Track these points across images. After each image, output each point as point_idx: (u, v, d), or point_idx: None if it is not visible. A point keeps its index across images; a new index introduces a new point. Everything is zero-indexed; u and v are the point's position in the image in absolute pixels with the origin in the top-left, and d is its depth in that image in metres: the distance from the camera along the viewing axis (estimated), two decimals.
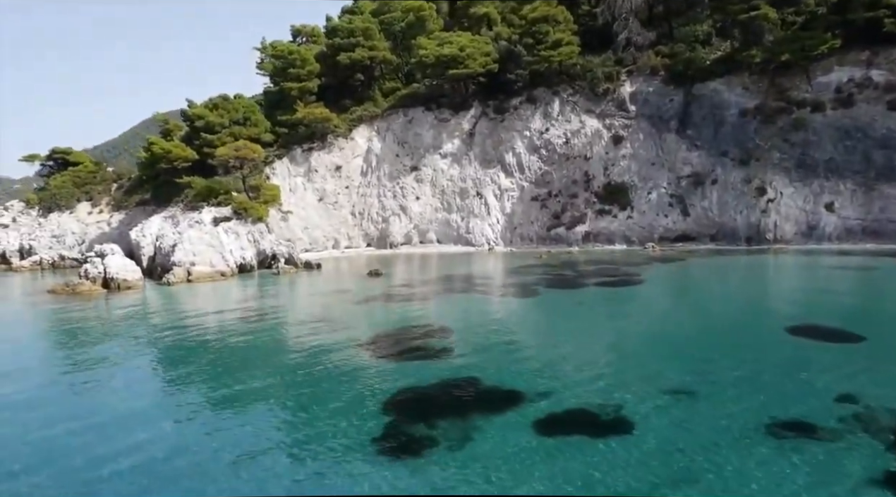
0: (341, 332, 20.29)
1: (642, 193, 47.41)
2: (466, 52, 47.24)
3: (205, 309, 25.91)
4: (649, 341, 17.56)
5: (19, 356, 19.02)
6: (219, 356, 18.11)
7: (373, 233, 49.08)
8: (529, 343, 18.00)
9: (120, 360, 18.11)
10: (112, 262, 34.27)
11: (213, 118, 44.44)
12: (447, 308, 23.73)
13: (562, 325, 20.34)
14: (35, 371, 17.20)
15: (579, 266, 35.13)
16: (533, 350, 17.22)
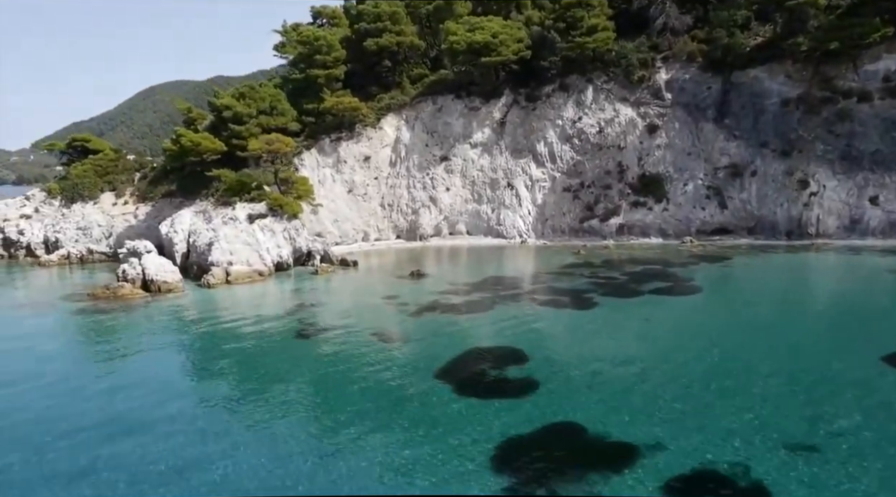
0: (408, 356, 19.76)
1: (678, 185, 46.42)
2: (499, 39, 45.78)
3: (256, 320, 25.30)
4: (741, 374, 16.90)
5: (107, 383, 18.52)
6: (298, 386, 17.59)
7: (402, 225, 48.30)
8: (613, 374, 17.38)
9: (216, 391, 17.46)
10: (150, 263, 33.68)
11: (240, 109, 43.30)
12: (509, 324, 23.08)
13: (638, 349, 19.63)
14: (143, 398, 16.69)
15: (624, 266, 34.42)
16: (620, 383, 16.62)
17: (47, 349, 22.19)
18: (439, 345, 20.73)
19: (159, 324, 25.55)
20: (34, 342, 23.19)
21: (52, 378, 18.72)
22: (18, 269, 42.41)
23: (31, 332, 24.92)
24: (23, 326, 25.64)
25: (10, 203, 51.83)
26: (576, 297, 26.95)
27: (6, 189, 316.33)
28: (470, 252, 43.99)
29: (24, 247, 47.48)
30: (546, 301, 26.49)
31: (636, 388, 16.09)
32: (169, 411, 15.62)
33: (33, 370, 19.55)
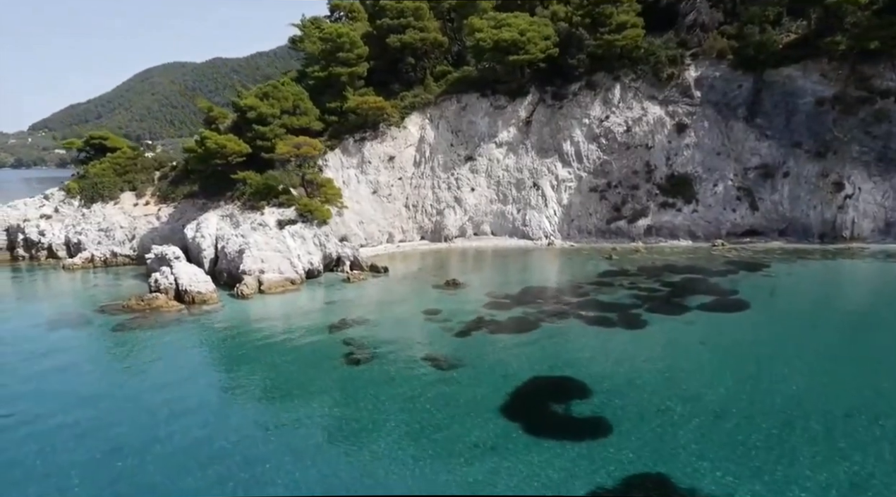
0: (466, 387, 19.30)
1: (707, 185, 45.78)
2: (527, 37, 44.82)
3: (301, 341, 24.86)
4: (822, 414, 16.39)
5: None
6: (358, 422, 17.24)
7: (427, 226, 47.76)
8: (685, 412, 16.89)
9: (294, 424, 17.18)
10: (182, 272, 33.23)
11: (264, 109, 42.52)
12: (561, 347, 22.69)
13: (703, 380, 19.07)
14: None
15: (661, 275, 33.94)
16: (696, 424, 16.17)
17: (99, 371, 21.87)
18: (495, 373, 20.34)
19: (205, 344, 25.21)
20: (81, 361, 22.94)
21: (115, 402, 18.45)
22: (43, 273, 42.04)
23: (75, 349, 24.61)
24: (66, 344, 25.27)
25: (28, 202, 51.27)
26: (622, 314, 26.51)
27: (5, 172, 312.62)
28: (498, 255, 43.54)
29: (45, 248, 46.99)
30: (593, 319, 26.04)
31: (715, 431, 15.69)
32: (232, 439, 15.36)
33: (98, 391, 19.29)
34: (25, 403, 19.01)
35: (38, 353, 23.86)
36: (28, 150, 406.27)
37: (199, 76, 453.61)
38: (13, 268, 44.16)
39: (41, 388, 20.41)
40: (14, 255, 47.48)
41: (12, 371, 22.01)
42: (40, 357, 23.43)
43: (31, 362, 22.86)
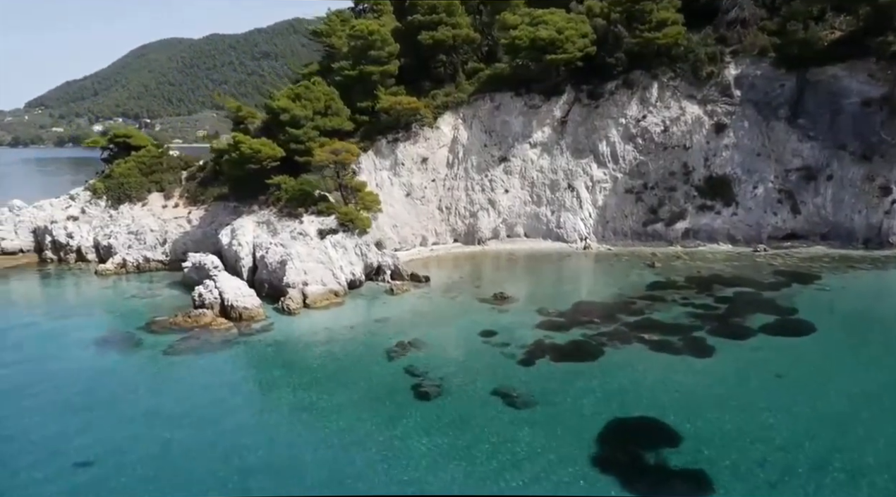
0: (546, 431, 18.91)
1: (747, 187, 44.98)
2: (565, 35, 43.63)
3: (361, 368, 24.47)
4: None
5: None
6: (445, 472, 16.85)
7: (460, 228, 47.10)
8: (785, 462, 16.37)
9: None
10: (226, 286, 32.76)
11: (298, 111, 41.57)
12: (632, 380, 22.22)
13: (795, 422, 18.37)
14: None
15: (712, 287, 33.44)
16: (802, 478, 15.78)
17: (160, 410, 21.46)
18: (572, 413, 19.96)
19: (262, 374, 24.74)
20: (140, 395, 22.51)
21: (184, 451, 18.11)
22: (76, 278, 41.61)
23: (132, 379, 24.19)
24: (122, 373, 24.86)
25: (54, 203, 50.64)
26: (685, 338, 26.07)
27: (3, 152, 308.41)
28: (536, 259, 42.96)
29: (73, 250, 46.49)
30: (656, 344, 25.57)
31: (825, 487, 15.28)
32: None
33: (163, 437, 18.95)
34: (106, 448, 18.66)
35: (98, 385, 23.47)
36: (25, 128, 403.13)
37: (196, 53, 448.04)
38: (44, 272, 43.73)
39: (112, 430, 20.02)
40: (42, 256, 47.04)
41: (77, 409, 21.63)
42: (103, 390, 23.03)
43: (94, 397, 22.46)
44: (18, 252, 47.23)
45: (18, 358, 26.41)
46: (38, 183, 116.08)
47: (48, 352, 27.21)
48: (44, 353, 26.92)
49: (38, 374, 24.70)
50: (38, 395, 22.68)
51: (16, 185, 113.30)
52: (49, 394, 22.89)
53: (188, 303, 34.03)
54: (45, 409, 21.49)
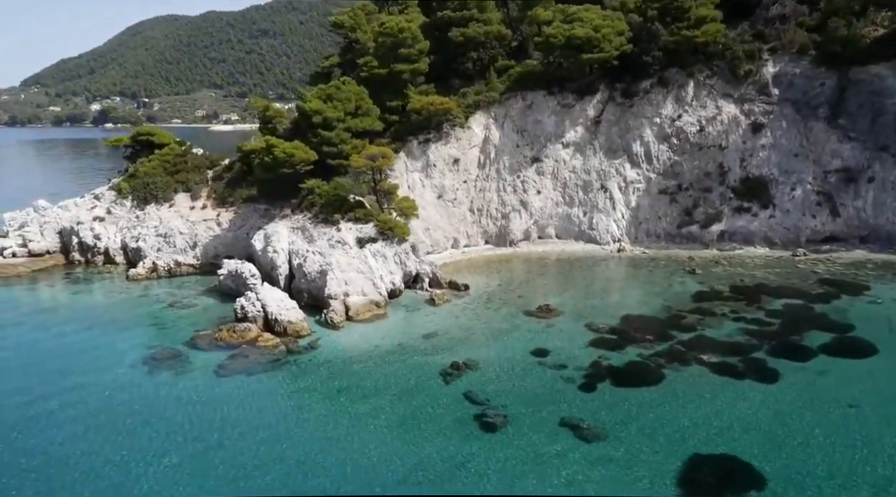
0: (627, 470, 18.67)
1: (784, 189, 44.33)
2: (601, 33, 42.59)
3: (420, 392, 24.25)
4: None
5: None
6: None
7: (491, 230, 46.53)
8: None
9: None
10: (268, 297, 32.38)
11: (330, 113, 40.74)
12: (699, 409, 21.76)
13: (885, 464, 18.37)
14: None
15: (760, 299, 33.03)
16: None
17: (230, 436, 21.25)
18: (648, 447, 19.71)
19: (315, 398, 24.44)
20: (200, 422, 22.24)
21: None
22: (107, 283, 41.20)
23: (186, 402, 23.90)
24: (176, 397, 24.53)
25: (79, 203, 50.10)
26: (746, 360, 25.76)
27: (1, 131, 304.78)
28: (571, 263, 42.49)
29: (101, 252, 46.04)
30: (716, 366, 25.23)
31: None
32: None
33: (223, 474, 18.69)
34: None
35: (155, 413, 23.18)
36: (22, 107, 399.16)
37: (193, 30, 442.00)
38: (74, 276, 43.25)
39: (185, 465, 19.78)
40: (69, 258, 46.57)
41: (138, 438, 21.40)
42: (161, 420, 22.74)
43: (153, 428, 22.18)
44: (45, 253, 46.72)
45: (67, 381, 26.05)
46: (43, 170, 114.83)
47: (95, 372, 26.87)
48: (92, 375, 26.56)
49: (91, 399, 24.43)
50: (100, 424, 22.41)
51: (20, 171, 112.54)
52: (108, 421, 22.67)
53: (227, 313, 33.79)
54: (109, 437, 21.29)
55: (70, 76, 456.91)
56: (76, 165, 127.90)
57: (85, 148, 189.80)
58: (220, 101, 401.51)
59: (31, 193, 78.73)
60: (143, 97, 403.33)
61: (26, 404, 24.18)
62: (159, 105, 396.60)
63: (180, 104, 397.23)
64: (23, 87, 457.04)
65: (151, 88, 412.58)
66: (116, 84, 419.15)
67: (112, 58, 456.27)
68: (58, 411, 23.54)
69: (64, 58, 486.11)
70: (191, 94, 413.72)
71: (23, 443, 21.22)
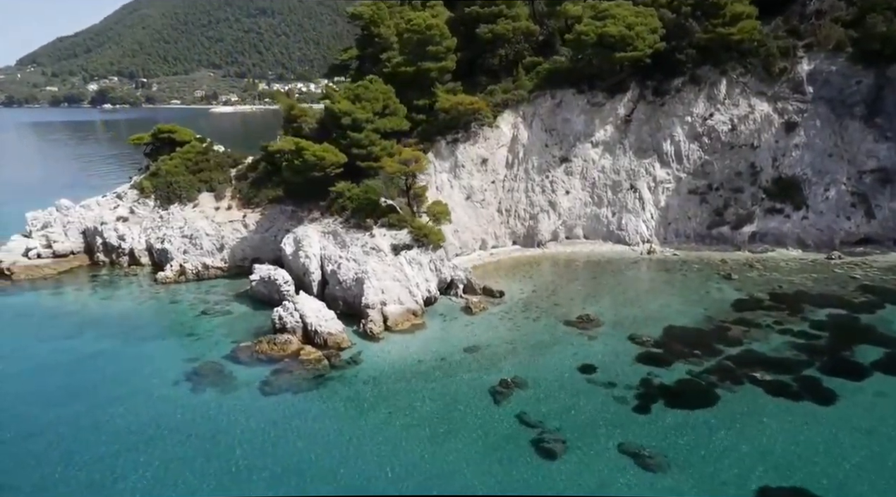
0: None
1: (817, 189, 43.79)
2: (635, 31, 41.68)
3: (466, 405, 24.30)
4: None
5: None
6: None
7: (519, 231, 46.07)
8: None
9: None
10: (307, 308, 32.05)
11: (359, 114, 40.02)
12: (760, 435, 21.32)
13: None
14: None
15: (802, 308, 32.74)
16: None
17: (286, 459, 21.10)
18: (714, 479, 19.57)
19: (366, 416, 24.28)
20: (256, 444, 22.10)
21: None
22: (135, 288, 40.78)
23: (237, 424, 23.70)
24: (225, 418, 24.32)
25: (101, 202, 49.60)
26: (797, 377, 25.57)
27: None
28: (600, 265, 42.15)
29: (126, 253, 45.67)
30: (769, 386, 24.97)
31: None
32: None
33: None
34: None
35: (204, 436, 22.98)
36: (18, 86, 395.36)
37: (190, 9, 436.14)
38: (100, 279, 42.88)
39: None
40: (94, 259, 46.20)
41: (193, 466, 21.24)
42: (211, 442, 22.59)
43: (205, 453, 22.02)
44: (69, 254, 46.33)
45: (111, 399, 25.82)
46: (48, 159, 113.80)
47: (140, 390, 26.60)
48: (137, 393, 26.29)
49: (138, 419, 24.21)
50: (150, 447, 22.25)
51: (26, 162, 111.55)
52: (159, 445, 22.48)
53: (263, 322, 33.58)
54: (163, 463, 21.14)
55: (66, 55, 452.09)
56: (80, 152, 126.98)
57: (85, 132, 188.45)
58: (219, 81, 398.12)
59: (44, 186, 78.68)
60: (141, 77, 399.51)
61: (73, 420, 24.09)
62: (157, 85, 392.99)
63: (179, 84, 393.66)
64: (19, 67, 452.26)
65: (149, 68, 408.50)
66: (114, 63, 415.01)
67: (109, 36, 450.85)
68: (105, 426, 23.51)
69: (60, 36, 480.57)
70: (189, 74, 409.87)
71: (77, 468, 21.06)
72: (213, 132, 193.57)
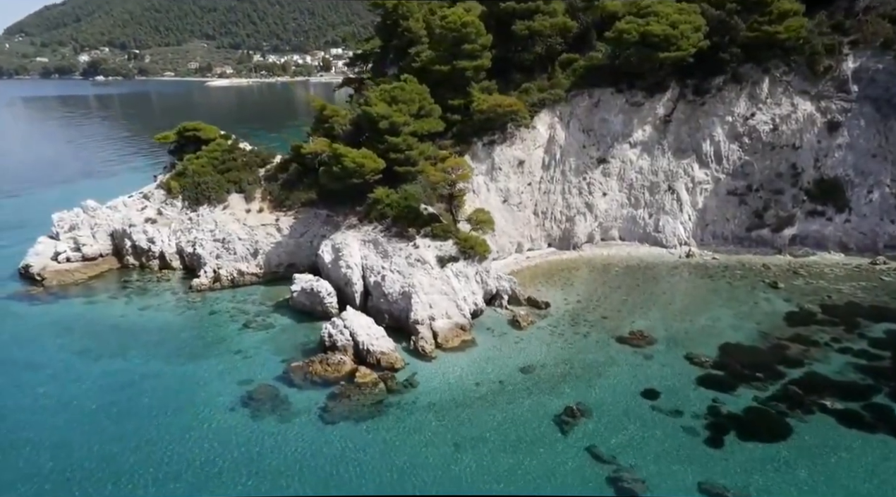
0: None
1: (860, 191, 43.17)
2: (679, 30, 40.44)
3: (534, 438, 24.15)
4: None
5: None
6: None
7: (555, 233, 45.46)
8: None
9: None
10: (356, 325, 31.64)
11: (397, 118, 38.94)
12: (852, 477, 21.28)
13: None
14: None
15: (857, 322, 32.51)
16: None
17: None
18: None
19: (433, 449, 23.97)
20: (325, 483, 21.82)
21: None
22: (171, 296, 40.05)
23: (305, 458, 23.52)
24: (290, 448, 24.17)
25: (128, 202, 48.71)
26: (867, 405, 25.53)
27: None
28: (640, 269, 41.72)
29: (156, 256, 45.00)
30: (841, 415, 24.81)
31: None
32: None
33: None
34: None
35: (271, 474, 22.72)
36: (7, 57, 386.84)
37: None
38: (132, 285, 42.19)
39: None
40: (123, 262, 45.56)
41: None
42: (279, 478, 22.34)
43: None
44: (98, 257, 45.66)
45: (164, 426, 25.57)
46: (53, 143, 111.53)
47: (195, 419, 26.18)
48: (192, 423, 25.91)
49: (197, 451, 23.93)
50: (215, 485, 21.99)
51: (31, 146, 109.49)
52: (222, 481, 22.23)
53: (309, 337, 33.38)
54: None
55: (55, 24, 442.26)
56: (84, 133, 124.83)
57: (82, 109, 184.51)
58: (213, 52, 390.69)
59: (58, 174, 77.41)
60: (133, 48, 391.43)
61: (131, 453, 23.88)
62: (150, 57, 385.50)
63: (172, 56, 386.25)
64: (6, 36, 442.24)
65: (141, 39, 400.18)
66: (105, 34, 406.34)
67: (98, 5, 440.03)
68: (165, 462, 23.31)
69: (47, 4, 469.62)
70: (182, 45, 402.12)
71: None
72: (211, 105, 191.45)
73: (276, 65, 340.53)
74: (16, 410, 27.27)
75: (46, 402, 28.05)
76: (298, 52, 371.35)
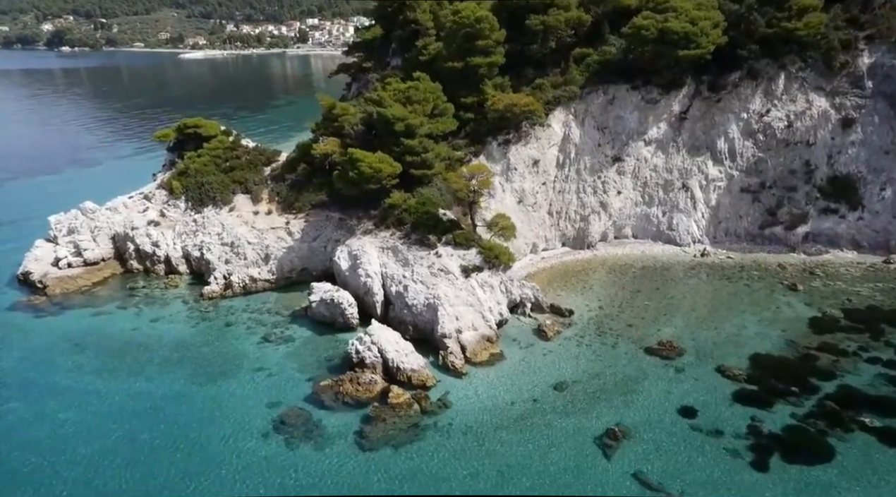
0: None
1: (873, 189, 43.30)
2: (699, 26, 39.61)
3: (580, 466, 24.07)
4: None
5: None
6: None
7: (569, 233, 45.01)
8: None
9: None
10: (383, 340, 31.10)
11: (412, 120, 37.75)
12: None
13: None
14: None
15: (882, 329, 32.77)
16: None
17: None
18: None
19: (477, 479, 23.74)
20: None
21: None
22: (182, 306, 38.98)
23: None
24: (328, 480, 23.74)
25: (129, 204, 47.04)
26: None
27: None
28: (657, 271, 41.56)
29: (161, 261, 43.66)
30: (880, 435, 25.14)
31: None
32: None
33: None
34: None
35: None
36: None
37: None
38: (139, 292, 40.94)
39: None
40: (127, 266, 44.18)
41: None
42: None
43: None
44: (100, 261, 44.27)
45: (195, 456, 25.04)
46: (31, 126, 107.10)
47: (227, 449, 25.64)
48: (224, 453, 25.34)
49: (238, 489, 23.36)
50: None
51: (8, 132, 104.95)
52: None
53: (332, 350, 32.98)
54: None
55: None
56: (59, 115, 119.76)
57: (50, 86, 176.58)
58: (184, 22, 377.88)
59: (45, 165, 74.22)
60: (100, 17, 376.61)
61: (166, 487, 23.23)
62: (118, 26, 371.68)
63: (141, 25, 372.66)
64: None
65: (107, 6, 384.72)
66: (69, 1, 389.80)
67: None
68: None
69: None
70: (151, 14, 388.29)
71: None
72: (188, 80, 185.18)
73: (250, 36, 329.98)
74: (41, 441, 26.37)
75: (69, 430, 27.25)
76: (273, 21, 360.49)
